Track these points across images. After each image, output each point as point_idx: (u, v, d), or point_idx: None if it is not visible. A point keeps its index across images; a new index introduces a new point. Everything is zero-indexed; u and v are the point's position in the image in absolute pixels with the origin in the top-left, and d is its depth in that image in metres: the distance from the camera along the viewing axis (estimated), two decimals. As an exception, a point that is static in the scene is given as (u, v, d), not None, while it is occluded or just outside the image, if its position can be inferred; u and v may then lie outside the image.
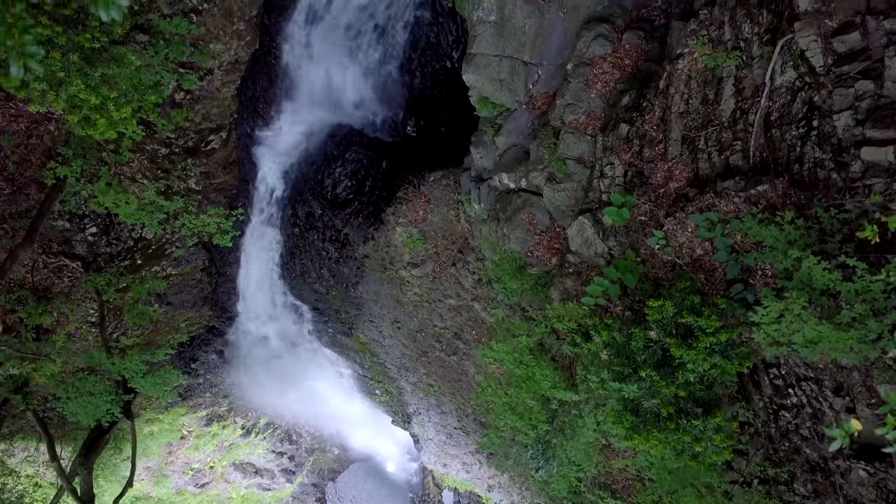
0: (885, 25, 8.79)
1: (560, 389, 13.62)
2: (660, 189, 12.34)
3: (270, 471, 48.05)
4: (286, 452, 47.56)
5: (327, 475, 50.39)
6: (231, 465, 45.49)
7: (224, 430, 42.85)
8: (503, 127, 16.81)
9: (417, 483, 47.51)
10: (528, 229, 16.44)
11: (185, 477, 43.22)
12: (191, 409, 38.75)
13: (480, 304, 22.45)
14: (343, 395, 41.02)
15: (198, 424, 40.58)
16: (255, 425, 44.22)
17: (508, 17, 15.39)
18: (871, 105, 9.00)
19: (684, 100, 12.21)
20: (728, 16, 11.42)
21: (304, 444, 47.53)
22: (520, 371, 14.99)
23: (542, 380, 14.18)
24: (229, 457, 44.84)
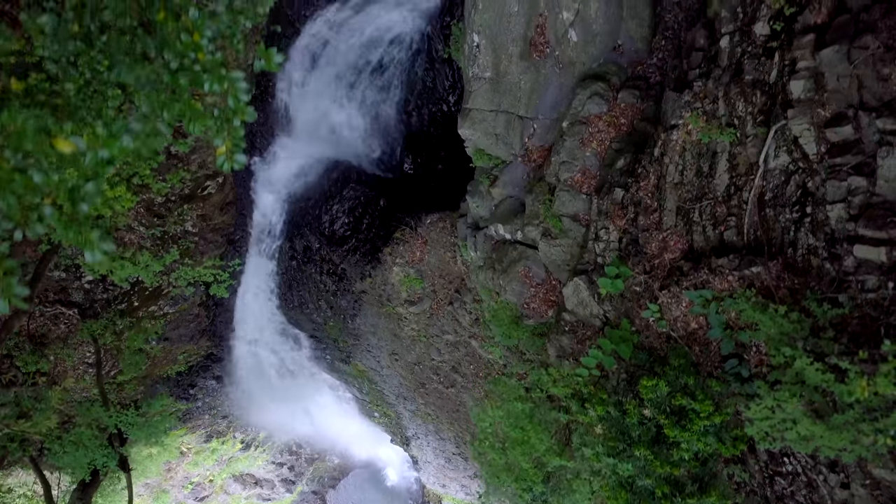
0: (878, 124, 8.79)
1: (555, 455, 13.66)
2: (654, 259, 12.34)
3: (270, 481, 48.07)
4: (286, 463, 47.60)
5: (328, 482, 50.45)
6: (230, 477, 45.50)
7: (223, 446, 42.84)
8: (499, 178, 16.81)
9: (417, 490, 47.59)
10: (524, 282, 16.44)
11: (185, 491, 43.27)
12: (190, 430, 38.78)
13: (478, 341, 22.46)
14: (342, 415, 41.08)
15: (197, 441, 40.56)
16: (255, 439, 44.21)
17: (504, 74, 15.38)
18: (863, 201, 9.00)
19: (679, 170, 12.22)
20: (722, 91, 11.42)
21: (303, 454, 47.56)
22: (515, 434, 15.02)
23: (537, 443, 14.22)
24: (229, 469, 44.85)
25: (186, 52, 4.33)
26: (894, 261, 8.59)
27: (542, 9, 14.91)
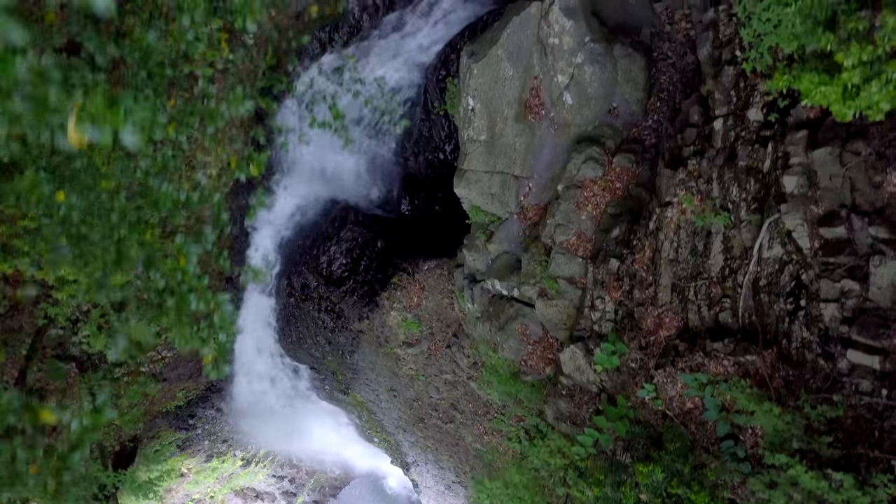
0: (871, 231, 8.79)
1: (554, 527, 13.68)
2: (650, 336, 12.35)
3: (271, 493, 48.12)
4: (287, 476, 47.63)
5: (328, 492, 50.49)
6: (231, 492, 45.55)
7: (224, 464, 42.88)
8: (495, 234, 16.82)
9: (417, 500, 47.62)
10: (522, 339, 16.44)
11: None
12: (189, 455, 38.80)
13: (476, 383, 22.47)
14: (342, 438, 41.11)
15: (197, 462, 40.59)
16: (255, 455, 44.24)
17: (499, 136, 15.39)
18: (856, 305, 9.00)
19: (674, 247, 12.22)
20: (716, 173, 11.42)
21: (304, 466, 47.60)
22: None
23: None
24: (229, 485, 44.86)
25: (172, 274, 4.34)
26: (888, 370, 8.59)
27: (537, 72, 14.91)
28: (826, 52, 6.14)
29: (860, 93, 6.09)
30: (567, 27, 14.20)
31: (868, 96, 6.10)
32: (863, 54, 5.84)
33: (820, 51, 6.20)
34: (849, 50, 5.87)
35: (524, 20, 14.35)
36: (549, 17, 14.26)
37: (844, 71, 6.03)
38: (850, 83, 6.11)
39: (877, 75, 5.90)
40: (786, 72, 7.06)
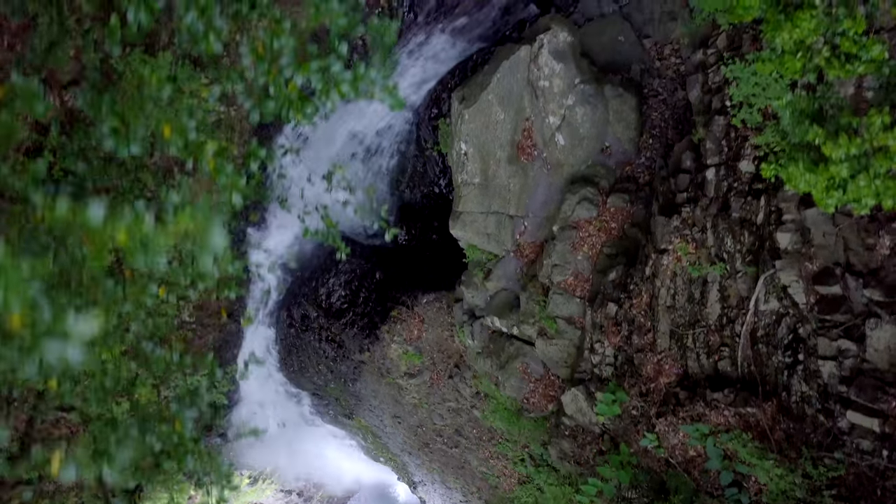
0: (866, 293, 8.82)
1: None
2: (650, 383, 12.37)
3: (281, 508, 48.06)
4: (294, 489, 47.66)
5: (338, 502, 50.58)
6: (240, 509, 45.51)
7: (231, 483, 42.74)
8: (493, 272, 16.83)
9: None
10: (523, 378, 16.47)
11: (192, 529, 43.11)
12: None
13: (480, 412, 22.50)
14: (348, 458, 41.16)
15: (204, 484, 40.44)
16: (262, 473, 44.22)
17: (492, 178, 15.40)
18: (854, 365, 9.03)
19: (671, 294, 12.24)
20: (710, 222, 11.45)
21: (312, 479, 47.63)
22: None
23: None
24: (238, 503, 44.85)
25: (169, 437, 4.37)
26: (888, 432, 8.62)
27: (529, 114, 14.93)
28: (814, 145, 6.17)
29: (847, 186, 6.11)
30: (557, 70, 14.22)
31: (856, 190, 6.13)
32: (851, 147, 5.86)
33: (807, 142, 6.24)
34: (837, 142, 5.89)
35: (514, 64, 14.37)
36: (538, 61, 14.28)
37: (832, 164, 6.06)
38: (838, 176, 6.13)
39: (864, 169, 5.92)
40: (773, 161, 7.07)
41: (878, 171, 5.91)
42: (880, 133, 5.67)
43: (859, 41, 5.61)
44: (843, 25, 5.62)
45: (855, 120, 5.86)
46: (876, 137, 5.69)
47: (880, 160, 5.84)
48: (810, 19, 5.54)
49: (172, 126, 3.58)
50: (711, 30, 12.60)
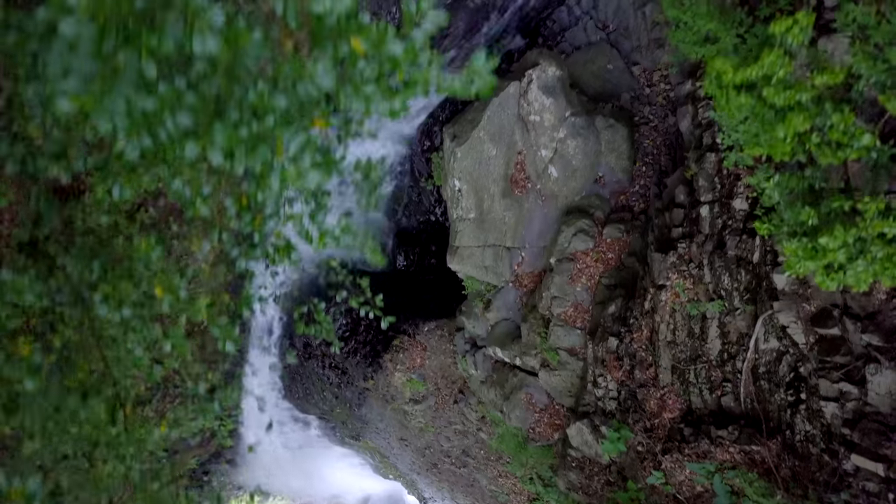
0: (864, 338, 8.83)
1: None
2: (654, 418, 12.38)
3: (292, 522, 48.15)
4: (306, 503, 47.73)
5: None
6: (249, 524, 45.49)
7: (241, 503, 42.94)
8: (492, 303, 16.84)
9: None
10: (528, 408, 16.48)
11: (203, 545, 43.15)
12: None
13: (486, 434, 22.53)
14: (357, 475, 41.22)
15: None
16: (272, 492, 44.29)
17: (487, 212, 15.41)
18: (857, 408, 9.04)
19: (670, 329, 12.25)
20: (706, 259, 11.45)
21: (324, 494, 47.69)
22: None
23: None
24: (249, 521, 44.73)
25: None
26: (893, 477, 8.63)
27: (521, 147, 14.94)
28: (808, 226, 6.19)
29: (846, 271, 6.13)
30: (547, 104, 14.23)
31: (854, 274, 6.15)
32: (847, 236, 5.89)
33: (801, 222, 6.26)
34: (832, 233, 5.92)
35: (503, 101, 14.38)
36: (528, 96, 14.29)
37: (829, 251, 6.08)
38: (836, 262, 6.15)
39: (861, 254, 5.94)
40: (766, 221, 7.10)
41: (876, 256, 5.93)
42: (876, 220, 5.70)
43: (848, 131, 5.63)
44: (831, 119, 5.65)
45: (847, 203, 5.88)
46: (871, 225, 5.72)
47: (878, 245, 5.86)
48: (801, 120, 5.55)
49: (164, 286, 3.62)
50: (699, 61, 12.61)
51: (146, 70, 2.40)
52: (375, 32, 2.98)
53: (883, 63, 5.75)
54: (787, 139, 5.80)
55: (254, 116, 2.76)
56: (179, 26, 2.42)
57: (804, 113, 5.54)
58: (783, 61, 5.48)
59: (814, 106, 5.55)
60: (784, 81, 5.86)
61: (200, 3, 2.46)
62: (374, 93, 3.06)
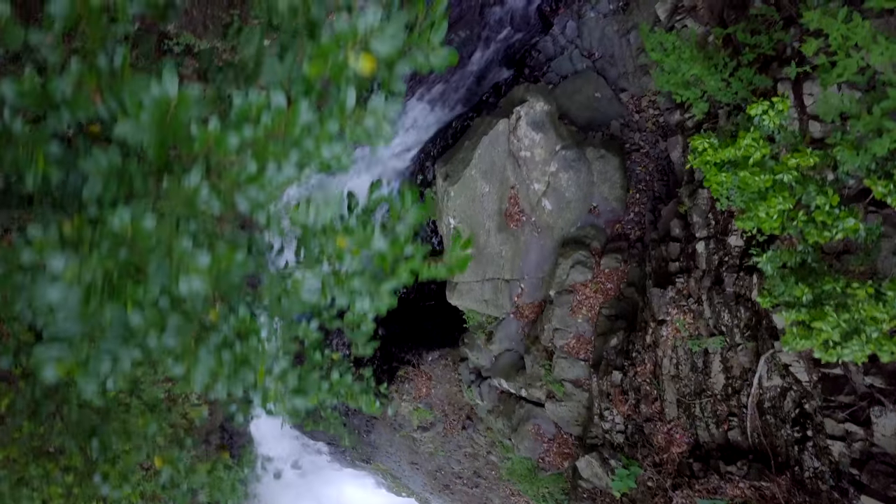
0: (867, 380, 8.83)
1: None
2: (663, 453, 12.38)
3: (308, 539, 48.21)
4: None
5: None
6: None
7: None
8: (494, 334, 16.85)
9: None
10: (536, 439, 16.48)
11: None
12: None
13: (496, 457, 22.55)
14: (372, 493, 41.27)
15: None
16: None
17: (484, 247, 15.42)
18: (864, 448, 9.04)
19: (673, 363, 12.26)
20: (705, 295, 11.46)
21: None
22: None
23: None
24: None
25: None
26: (903, 518, 8.64)
27: (513, 182, 14.95)
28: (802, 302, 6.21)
29: (843, 347, 6.15)
30: (537, 140, 14.24)
31: (851, 352, 6.16)
32: (840, 320, 5.91)
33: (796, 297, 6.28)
34: (825, 318, 5.94)
35: (493, 138, 14.39)
36: (517, 132, 14.30)
37: (823, 332, 6.09)
38: (832, 340, 6.17)
39: (856, 333, 5.96)
40: (766, 295, 7.10)
41: (870, 336, 5.94)
42: (866, 305, 5.72)
43: (833, 213, 5.65)
44: (816, 201, 5.67)
45: (840, 284, 5.90)
46: (863, 309, 5.74)
47: (871, 325, 5.88)
48: (783, 200, 5.57)
49: (163, 458, 3.63)
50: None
51: (132, 320, 2.40)
52: (361, 233, 3.00)
53: (866, 153, 5.77)
54: (773, 217, 5.83)
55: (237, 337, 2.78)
56: (164, 271, 2.43)
57: (785, 192, 5.55)
58: (759, 144, 5.50)
59: (798, 185, 5.56)
60: (760, 163, 5.89)
61: (185, 246, 2.47)
62: (359, 287, 3.08)
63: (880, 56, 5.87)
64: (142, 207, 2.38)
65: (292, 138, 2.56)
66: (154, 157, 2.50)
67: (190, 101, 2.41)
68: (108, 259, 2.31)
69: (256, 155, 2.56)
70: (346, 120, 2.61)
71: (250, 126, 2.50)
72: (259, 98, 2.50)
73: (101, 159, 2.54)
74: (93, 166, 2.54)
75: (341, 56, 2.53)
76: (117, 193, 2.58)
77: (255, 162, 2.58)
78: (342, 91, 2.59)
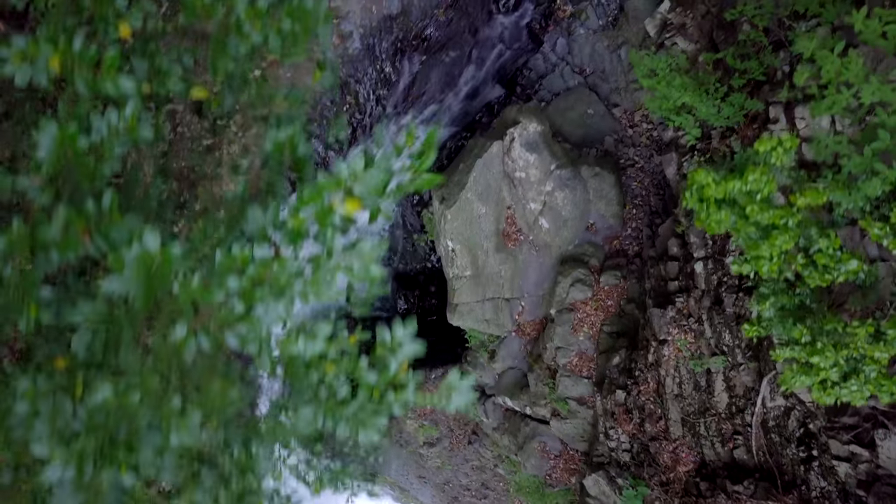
0: (869, 402, 8.81)
1: None
2: (669, 472, 12.39)
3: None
4: None
5: None
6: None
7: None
8: (497, 353, 16.85)
9: None
10: (542, 456, 16.49)
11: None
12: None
13: (504, 470, 22.57)
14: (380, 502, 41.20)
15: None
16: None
17: (483, 268, 15.41)
18: (869, 470, 9.04)
19: (676, 383, 12.25)
20: (706, 314, 11.45)
21: None
22: None
23: None
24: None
25: None
26: (912, 541, 8.63)
27: (509, 202, 14.94)
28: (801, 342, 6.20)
29: (841, 388, 6.15)
30: (531, 161, 14.23)
31: (849, 393, 6.16)
32: (838, 358, 5.90)
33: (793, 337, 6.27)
34: (823, 354, 5.93)
35: (488, 161, 14.38)
36: (511, 154, 14.28)
37: (822, 371, 6.09)
38: (830, 379, 6.16)
39: (855, 373, 5.95)
40: (755, 323, 7.11)
41: (869, 376, 5.94)
42: (866, 345, 5.71)
43: (834, 256, 5.63)
44: (818, 244, 5.64)
45: (840, 325, 5.89)
46: (862, 348, 5.73)
47: (870, 364, 5.88)
48: (786, 240, 5.52)
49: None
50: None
51: (126, 482, 2.40)
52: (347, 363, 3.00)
53: (859, 192, 5.76)
54: (773, 259, 5.81)
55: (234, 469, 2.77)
56: (155, 436, 2.43)
57: (788, 233, 5.52)
58: (767, 179, 5.46)
59: (797, 227, 5.54)
60: (768, 200, 5.84)
61: (175, 404, 2.47)
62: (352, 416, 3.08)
63: (871, 95, 5.85)
64: (124, 384, 2.37)
65: (279, 287, 2.55)
66: (140, 307, 2.49)
67: (172, 258, 2.40)
68: (97, 432, 2.31)
69: (244, 298, 2.56)
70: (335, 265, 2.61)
71: (235, 277, 2.49)
72: (243, 250, 2.49)
73: (87, 310, 2.54)
74: (80, 318, 2.54)
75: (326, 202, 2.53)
76: (106, 341, 2.58)
77: (242, 304, 2.57)
78: (329, 238, 2.58)
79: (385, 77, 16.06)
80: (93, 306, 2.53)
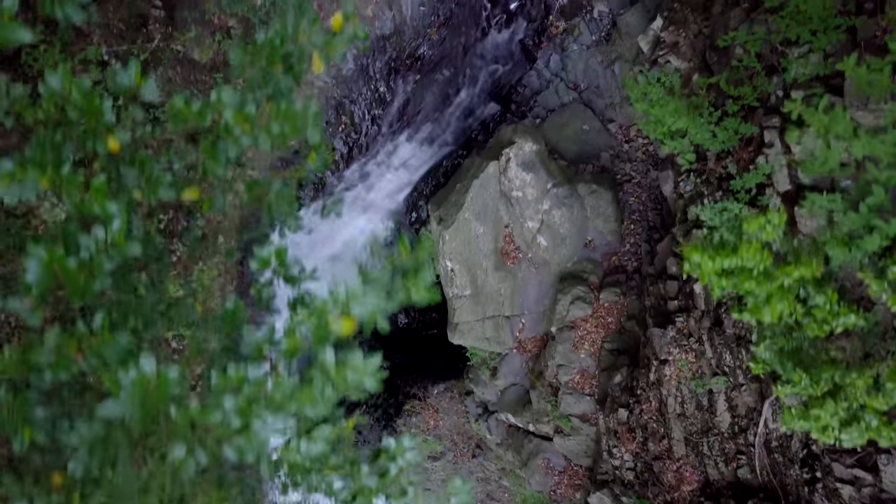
0: (872, 426, 8.81)
1: None
2: (674, 492, 12.38)
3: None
4: None
5: None
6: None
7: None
8: (499, 370, 16.85)
9: None
10: (546, 473, 16.48)
11: None
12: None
13: (508, 482, 22.57)
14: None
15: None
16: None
17: (482, 286, 15.41)
18: (873, 493, 9.03)
19: (678, 402, 12.24)
20: (706, 335, 11.45)
21: None
22: None
23: None
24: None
25: None
26: (917, 565, 8.63)
27: (507, 221, 14.94)
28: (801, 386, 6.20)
29: (841, 433, 6.16)
30: (528, 180, 14.23)
31: (849, 439, 6.18)
32: (837, 408, 5.92)
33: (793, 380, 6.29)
34: (823, 405, 5.95)
35: (484, 181, 14.38)
36: (507, 174, 14.29)
37: (821, 419, 6.10)
38: (830, 425, 6.17)
39: (856, 420, 5.97)
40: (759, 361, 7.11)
41: (869, 424, 5.95)
42: (864, 395, 5.73)
43: (832, 310, 5.65)
44: (815, 300, 5.67)
45: (838, 374, 5.91)
46: (861, 398, 5.75)
47: (871, 413, 5.89)
48: (786, 305, 5.56)
49: None
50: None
51: None
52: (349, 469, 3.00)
53: (858, 249, 5.77)
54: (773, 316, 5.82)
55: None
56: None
57: (788, 296, 5.55)
58: (762, 255, 5.47)
59: (795, 285, 5.56)
60: (765, 273, 5.82)
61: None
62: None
63: (861, 150, 5.85)
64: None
65: (275, 404, 2.55)
66: (138, 429, 2.50)
67: (168, 381, 2.40)
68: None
69: (240, 415, 2.56)
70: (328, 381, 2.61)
71: (231, 397, 2.49)
72: (238, 371, 2.49)
73: (85, 432, 2.54)
74: (77, 440, 2.54)
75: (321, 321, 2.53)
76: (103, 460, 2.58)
77: (239, 420, 2.57)
78: (322, 355, 2.59)
79: (380, 97, 16.07)
80: (90, 428, 2.53)
